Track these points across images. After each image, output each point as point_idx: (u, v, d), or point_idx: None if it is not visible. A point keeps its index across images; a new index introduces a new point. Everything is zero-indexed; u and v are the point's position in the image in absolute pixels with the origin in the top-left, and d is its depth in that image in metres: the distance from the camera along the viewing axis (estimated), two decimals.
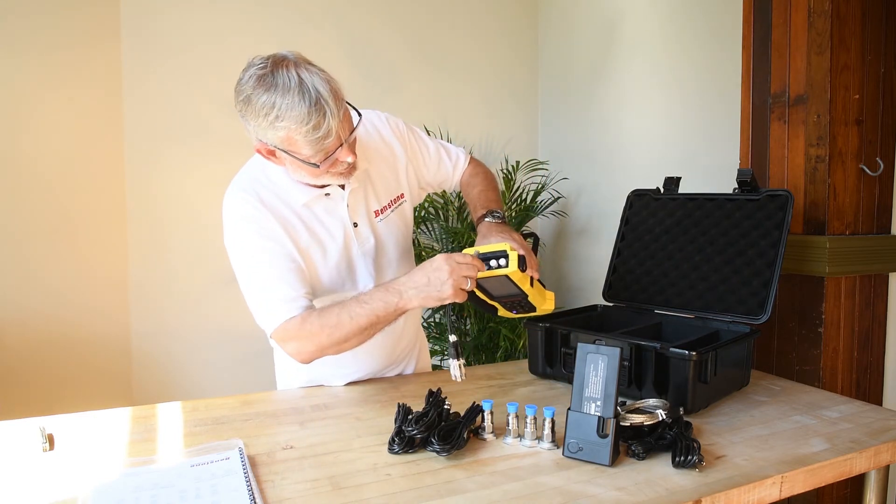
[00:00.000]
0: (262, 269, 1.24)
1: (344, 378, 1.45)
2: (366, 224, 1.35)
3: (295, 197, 1.27)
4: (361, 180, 1.34)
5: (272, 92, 1.09)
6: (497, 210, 1.37)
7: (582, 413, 1.03)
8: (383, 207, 1.38)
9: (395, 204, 1.41)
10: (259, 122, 1.12)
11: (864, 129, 1.71)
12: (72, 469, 0.99)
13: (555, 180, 3.18)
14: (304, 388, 1.44)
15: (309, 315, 1.21)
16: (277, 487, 0.93)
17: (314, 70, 1.12)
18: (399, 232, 1.43)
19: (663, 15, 2.57)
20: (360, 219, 1.34)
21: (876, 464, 1.09)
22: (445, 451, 1.02)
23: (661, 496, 0.90)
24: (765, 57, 1.80)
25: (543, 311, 1.30)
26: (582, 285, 3.16)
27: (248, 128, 1.17)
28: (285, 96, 1.08)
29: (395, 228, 1.41)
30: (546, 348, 1.45)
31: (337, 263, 1.32)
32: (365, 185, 1.36)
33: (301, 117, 1.08)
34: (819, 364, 1.69)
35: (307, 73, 1.10)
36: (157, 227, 2.74)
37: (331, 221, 1.31)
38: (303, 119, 1.08)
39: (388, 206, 1.39)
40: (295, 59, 1.12)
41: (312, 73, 1.11)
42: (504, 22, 3.39)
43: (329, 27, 2.98)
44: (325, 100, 1.09)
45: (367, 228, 1.36)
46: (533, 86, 3.49)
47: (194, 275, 2.80)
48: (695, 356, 1.19)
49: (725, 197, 1.54)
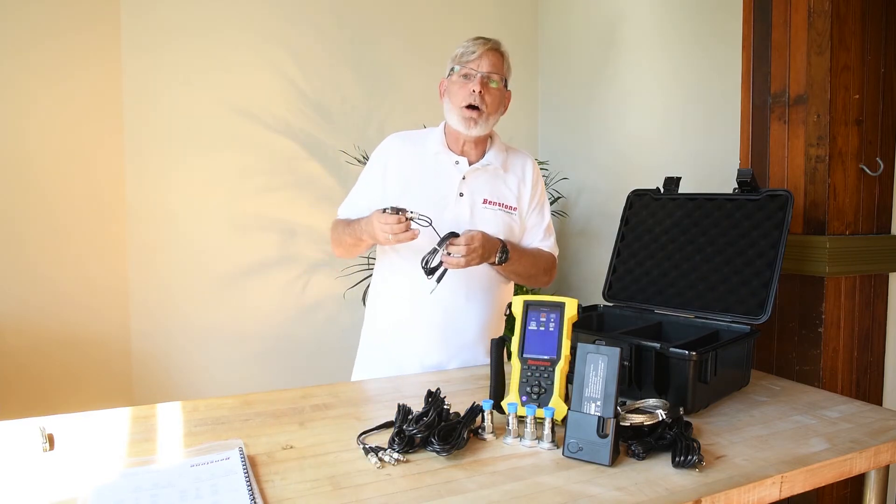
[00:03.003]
0: (359, 180, 1.72)
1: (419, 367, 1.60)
2: (469, 201, 1.61)
3: (431, 147, 1.64)
4: (488, 172, 1.64)
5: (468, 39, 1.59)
6: (506, 247, 1.56)
7: (582, 413, 1.03)
8: (493, 201, 1.63)
9: (505, 208, 1.65)
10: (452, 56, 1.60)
11: (864, 129, 1.71)
12: (72, 469, 0.99)
13: (555, 180, 3.18)
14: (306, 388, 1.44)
15: (336, 224, 1.69)
16: (277, 487, 0.93)
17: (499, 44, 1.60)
18: (497, 227, 1.62)
19: (663, 15, 2.57)
20: (468, 194, 1.61)
21: (876, 464, 1.09)
22: (445, 451, 1.02)
23: (661, 496, 0.90)
24: (765, 57, 1.80)
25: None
26: (582, 285, 3.16)
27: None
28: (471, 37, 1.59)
29: (493, 222, 1.62)
30: None
31: (430, 209, 1.52)
32: (488, 178, 1.64)
33: (468, 40, 1.58)
34: (819, 364, 1.69)
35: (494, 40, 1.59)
36: (157, 227, 2.74)
37: (445, 180, 1.62)
38: (468, 42, 1.57)
39: (499, 204, 1.64)
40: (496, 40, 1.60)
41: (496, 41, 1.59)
42: (504, 21, 3.39)
43: (329, 27, 2.98)
44: (487, 40, 1.57)
45: (469, 205, 1.61)
46: (533, 86, 3.49)
47: (194, 275, 2.80)
48: (695, 356, 1.19)
49: (725, 197, 1.54)
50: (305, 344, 2.95)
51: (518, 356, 1.19)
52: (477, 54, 1.54)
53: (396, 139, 1.69)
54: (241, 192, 2.87)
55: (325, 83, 2.98)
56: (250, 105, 2.86)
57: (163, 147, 2.73)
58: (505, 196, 1.65)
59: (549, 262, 1.72)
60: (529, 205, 1.69)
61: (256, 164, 2.89)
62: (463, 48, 1.57)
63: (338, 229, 1.67)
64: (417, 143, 1.67)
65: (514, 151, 1.71)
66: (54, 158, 2.53)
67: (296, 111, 2.94)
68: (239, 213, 2.86)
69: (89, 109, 2.59)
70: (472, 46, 1.55)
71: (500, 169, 1.65)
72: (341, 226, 1.66)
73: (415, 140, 1.68)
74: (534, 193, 1.69)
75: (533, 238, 1.71)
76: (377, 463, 1.00)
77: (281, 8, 2.89)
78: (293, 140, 2.93)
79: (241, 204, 2.87)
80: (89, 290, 2.62)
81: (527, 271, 1.65)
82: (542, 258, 1.70)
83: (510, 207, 1.65)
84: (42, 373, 2.52)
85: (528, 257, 1.65)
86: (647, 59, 2.66)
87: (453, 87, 1.58)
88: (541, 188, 1.74)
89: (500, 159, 1.65)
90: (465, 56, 1.56)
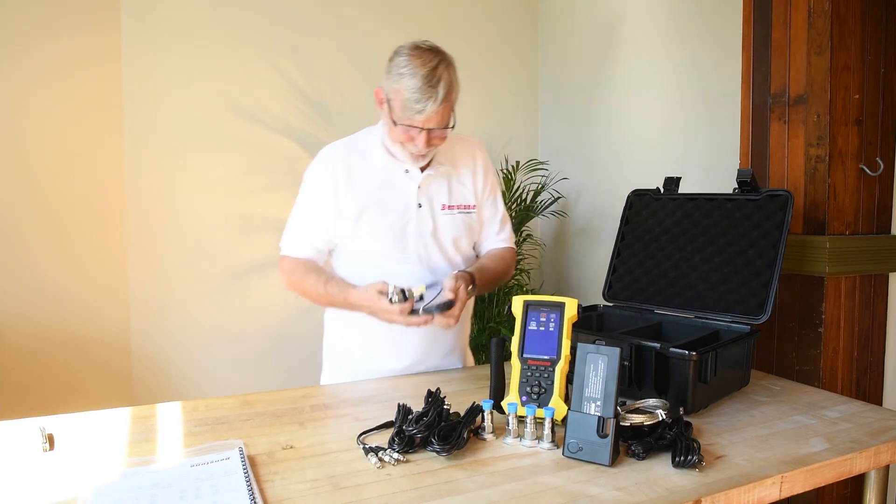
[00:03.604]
0: (300, 205, 1.57)
1: (387, 372, 1.54)
2: (429, 210, 1.53)
3: (377, 160, 1.52)
4: (442, 175, 1.55)
5: (415, 59, 1.37)
6: (473, 275, 1.49)
7: (582, 413, 1.03)
8: (451, 206, 1.56)
9: (464, 209, 1.58)
10: (392, 71, 1.40)
11: (864, 129, 1.71)
12: (72, 469, 0.99)
13: (555, 180, 3.18)
14: (306, 387, 1.45)
15: (296, 268, 1.53)
16: (277, 487, 0.93)
17: (452, 75, 1.40)
18: (459, 232, 1.57)
19: (663, 15, 2.57)
20: (426, 203, 1.53)
21: (876, 464, 1.09)
22: (445, 451, 1.02)
23: (661, 496, 0.90)
24: (765, 57, 1.80)
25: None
26: (582, 285, 3.16)
27: (384, 76, 1.44)
28: (419, 69, 1.35)
29: (457, 228, 1.57)
30: None
31: (392, 226, 1.50)
32: (443, 181, 1.55)
33: (415, 87, 1.35)
34: (819, 364, 1.69)
35: (444, 70, 1.37)
36: (157, 227, 2.74)
37: (399, 192, 1.52)
38: (414, 88, 1.35)
39: (458, 207, 1.57)
40: (446, 59, 1.40)
41: (446, 73, 1.38)
42: (504, 22, 3.39)
43: (329, 26, 2.98)
44: (438, 93, 1.35)
45: (429, 214, 1.53)
46: (533, 86, 3.49)
47: (194, 275, 2.80)
48: (695, 356, 1.19)
49: (725, 197, 1.54)
50: (305, 344, 2.95)
51: (518, 356, 1.19)
52: (424, 115, 1.35)
53: (338, 152, 1.54)
54: (241, 192, 2.87)
55: (325, 83, 2.98)
56: (250, 105, 2.86)
57: (163, 147, 2.73)
58: (463, 196, 1.58)
59: (507, 264, 1.66)
60: (483, 193, 1.61)
61: (256, 163, 2.89)
62: (408, 93, 1.34)
63: (306, 281, 1.50)
64: (360, 153, 1.53)
65: (459, 141, 1.59)
66: (54, 158, 2.53)
67: (296, 111, 2.94)
68: (239, 213, 2.86)
69: (89, 109, 2.59)
70: (418, 102, 1.34)
71: (451, 168, 1.56)
72: (311, 279, 1.49)
73: (355, 149, 1.54)
74: (486, 182, 1.62)
75: (488, 232, 1.66)
76: (377, 463, 1.00)
77: (281, 8, 2.89)
78: (293, 140, 2.93)
79: (241, 204, 2.87)
80: (89, 290, 2.62)
81: (490, 287, 1.62)
82: (501, 265, 1.63)
83: (469, 207, 1.59)
84: (42, 373, 2.52)
85: (490, 275, 1.58)
86: (647, 59, 2.66)
87: (393, 128, 1.41)
88: (492, 175, 1.65)
89: (449, 156, 1.55)
90: (409, 109, 1.35)
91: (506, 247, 1.68)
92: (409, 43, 1.41)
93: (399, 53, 1.40)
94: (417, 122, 1.37)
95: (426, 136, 1.39)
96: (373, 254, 1.51)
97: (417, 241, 1.51)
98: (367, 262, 1.51)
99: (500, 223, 1.67)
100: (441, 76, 1.35)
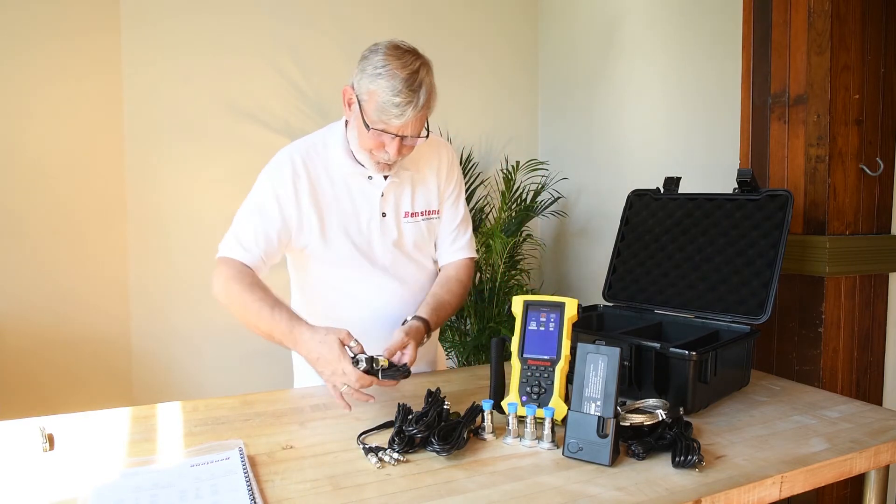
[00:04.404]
0: (253, 208, 1.43)
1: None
2: (393, 218, 1.47)
3: (340, 166, 1.42)
4: (405, 181, 1.47)
5: (395, 60, 1.26)
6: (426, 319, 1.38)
7: (582, 413, 1.03)
8: (415, 213, 1.49)
9: (427, 215, 1.52)
10: (366, 70, 1.28)
11: (864, 129, 1.71)
12: (72, 469, 0.99)
13: (555, 180, 3.18)
14: (305, 388, 1.44)
15: (242, 277, 1.34)
16: (277, 487, 0.93)
17: (432, 80, 1.30)
18: (422, 238, 1.52)
19: (663, 15, 2.57)
20: (390, 211, 1.46)
21: (876, 464, 1.09)
22: (445, 451, 1.02)
23: (661, 496, 0.90)
24: (765, 57, 1.80)
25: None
26: (582, 285, 3.16)
27: (354, 74, 1.32)
28: (399, 70, 1.24)
29: (420, 235, 1.51)
30: None
31: (356, 237, 1.44)
32: (406, 187, 1.48)
33: (394, 89, 1.24)
34: (819, 364, 1.69)
35: (426, 75, 1.28)
36: (157, 227, 2.74)
37: (363, 201, 1.44)
38: (394, 91, 1.24)
39: (421, 213, 1.51)
40: (427, 63, 1.30)
41: (427, 78, 1.28)
42: (504, 22, 3.39)
43: (329, 26, 2.98)
44: (419, 98, 1.25)
45: (394, 222, 1.47)
46: (533, 86, 3.49)
47: (195, 275, 2.80)
48: (695, 356, 1.19)
49: (725, 197, 1.54)
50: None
51: (518, 356, 1.19)
52: (402, 120, 1.25)
53: (298, 153, 1.44)
54: (241, 192, 2.84)
55: (325, 83, 2.98)
56: (250, 105, 2.86)
57: (163, 147, 2.73)
58: (427, 201, 1.50)
59: (464, 287, 1.54)
60: (444, 194, 1.53)
61: (257, 163, 2.87)
62: (386, 96, 1.24)
63: (247, 296, 1.29)
64: (322, 158, 1.43)
65: (425, 141, 1.44)
66: (55, 158, 2.53)
67: (296, 111, 2.94)
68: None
69: (90, 109, 2.59)
70: (397, 106, 1.24)
71: (415, 172, 1.48)
72: (255, 296, 1.29)
73: (317, 153, 1.44)
74: (448, 182, 1.53)
75: (444, 238, 1.56)
76: (377, 463, 1.00)
77: (281, 8, 2.89)
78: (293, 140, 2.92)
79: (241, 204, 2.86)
80: (90, 289, 2.62)
81: (447, 320, 1.54)
82: (458, 292, 1.51)
83: (432, 212, 1.51)
84: (42, 372, 2.52)
85: (446, 311, 1.47)
86: (647, 59, 2.66)
87: (364, 132, 1.31)
88: (457, 176, 1.56)
89: (413, 159, 1.45)
90: (385, 112, 1.25)
91: (463, 258, 1.57)
92: (387, 41, 1.30)
93: (375, 51, 1.28)
94: (393, 127, 1.27)
95: (398, 143, 1.29)
96: (337, 266, 1.43)
97: (383, 251, 1.45)
98: (331, 274, 1.44)
99: (457, 230, 1.57)
100: (423, 80, 1.26)
